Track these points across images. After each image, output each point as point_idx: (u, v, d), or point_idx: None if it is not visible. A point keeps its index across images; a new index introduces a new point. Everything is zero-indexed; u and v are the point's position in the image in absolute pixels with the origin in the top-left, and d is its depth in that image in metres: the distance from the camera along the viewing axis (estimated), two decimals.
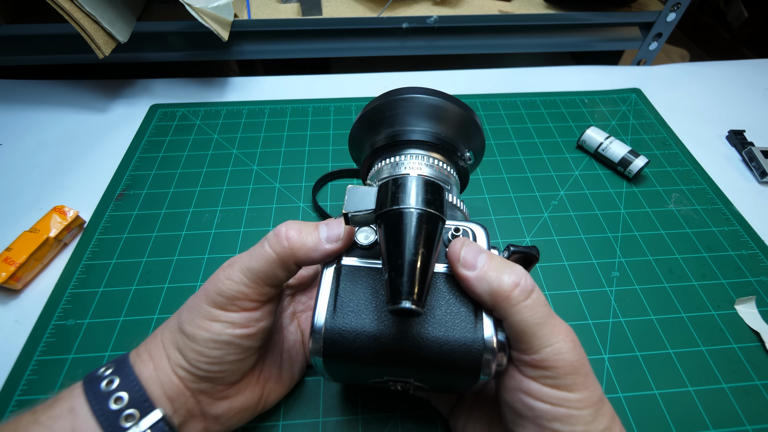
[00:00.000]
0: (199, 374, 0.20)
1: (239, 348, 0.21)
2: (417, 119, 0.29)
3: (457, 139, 0.30)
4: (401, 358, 0.19)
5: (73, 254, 0.36)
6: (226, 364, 0.21)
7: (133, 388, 0.19)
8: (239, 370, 0.22)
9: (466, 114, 0.29)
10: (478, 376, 0.19)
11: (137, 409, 0.19)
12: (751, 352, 0.32)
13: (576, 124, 0.50)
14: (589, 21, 0.58)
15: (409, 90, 0.28)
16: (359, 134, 0.32)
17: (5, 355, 0.30)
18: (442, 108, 0.28)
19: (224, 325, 0.20)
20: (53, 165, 0.44)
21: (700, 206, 0.42)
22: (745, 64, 0.60)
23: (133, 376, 0.20)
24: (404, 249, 0.17)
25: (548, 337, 0.18)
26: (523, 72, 0.58)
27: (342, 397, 0.29)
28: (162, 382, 0.20)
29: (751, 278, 0.36)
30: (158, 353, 0.21)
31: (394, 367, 0.19)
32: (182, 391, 0.20)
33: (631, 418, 0.28)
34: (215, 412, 0.22)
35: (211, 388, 0.21)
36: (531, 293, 0.18)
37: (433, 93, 0.28)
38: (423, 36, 0.57)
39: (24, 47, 0.53)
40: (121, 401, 0.19)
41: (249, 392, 0.23)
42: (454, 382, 0.20)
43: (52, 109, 0.50)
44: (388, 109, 0.29)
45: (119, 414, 0.18)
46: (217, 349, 0.20)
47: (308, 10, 0.54)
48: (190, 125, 0.49)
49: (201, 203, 0.41)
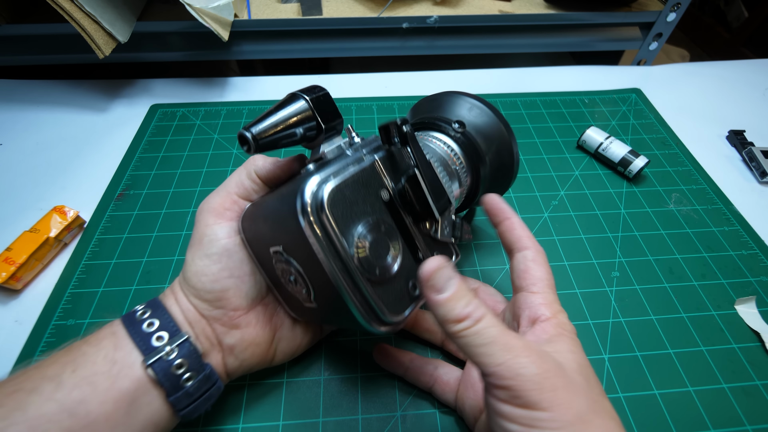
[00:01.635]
0: (206, 297, 0.24)
1: (233, 260, 0.24)
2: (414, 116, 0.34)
3: (440, 114, 0.32)
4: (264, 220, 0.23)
5: (74, 254, 0.36)
6: (225, 281, 0.24)
7: (163, 317, 0.23)
8: (241, 293, 0.24)
9: (445, 95, 0.33)
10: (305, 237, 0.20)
11: (167, 331, 0.22)
12: (751, 352, 0.32)
13: (576, 124, 0.50)
14: (589, 21, 0.58)
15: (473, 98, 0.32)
16: (419, 109, 0.35)
17: (5, 355, 0.30)
18: (427, 101, 0.33)
19: (211, 238, 0.24)
20: (53, 165, 0.44)
21: (700, 206, 0.42)
22: (745, 64, 0.60)
23: (163, 309, 0.23)
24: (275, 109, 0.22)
25: (499, 355, 0.18)
26: (523, 72, 0.58)
27: (342, 397, 0.29)
28: (182, 309, 0.24)
29: (751, 278, 0.36)
30: (177, 289, 0.25)
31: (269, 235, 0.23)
32: (199, 318, 0.24)
33: (631, 418, 0.28)
34: (229, 342, 0.24)
35: (223, 315, 0.24)
36: (478, 321, 0.18)
37: (485, 105, 0.32)
38: (423, 36, 0.57)
39: (24, 47, 0.53)
40: (152, 326, 0.22)
41: (260, 328, 0.25)
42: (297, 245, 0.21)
43: (52, 109, 0.50)
44: (443, 104, 0.33)
45: (151, 335, 0.22)
46: (213, 264, 0.24)
47: (308, 10, 0.54)
48: (190, 125, 0.49)
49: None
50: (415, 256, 0.23)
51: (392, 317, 0.21)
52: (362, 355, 0.31)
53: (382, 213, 0.22)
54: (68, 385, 0.19)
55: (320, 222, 0.19)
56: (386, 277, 0.21)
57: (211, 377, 0.23)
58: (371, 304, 0.21)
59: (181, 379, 0.22)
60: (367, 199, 0.21)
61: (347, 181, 0.20)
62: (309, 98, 0.22)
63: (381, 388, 0.29)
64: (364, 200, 0.21)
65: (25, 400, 0.19)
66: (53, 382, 0.19)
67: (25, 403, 0.19)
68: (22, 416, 0.18)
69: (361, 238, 0.20)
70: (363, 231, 0.20)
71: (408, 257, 0.23)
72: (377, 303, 0.21)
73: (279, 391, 0.29)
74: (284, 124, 0.21)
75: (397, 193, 0.23)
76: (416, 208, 0.22)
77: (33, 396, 0.19)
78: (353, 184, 0.21)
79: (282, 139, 0.21)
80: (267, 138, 0.21)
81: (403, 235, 0.22)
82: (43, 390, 0.19)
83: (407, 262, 0.22)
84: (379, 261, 0.21)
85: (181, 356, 0.22)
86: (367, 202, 0.21)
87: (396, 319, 0.21)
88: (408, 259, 0.22)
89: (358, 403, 0.29)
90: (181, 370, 0.22)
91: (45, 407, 0.19)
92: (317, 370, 0.30)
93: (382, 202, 0.22)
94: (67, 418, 0.19)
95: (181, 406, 0.22)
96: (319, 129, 0.22)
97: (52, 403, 0.19)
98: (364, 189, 0.21)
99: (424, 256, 0.23)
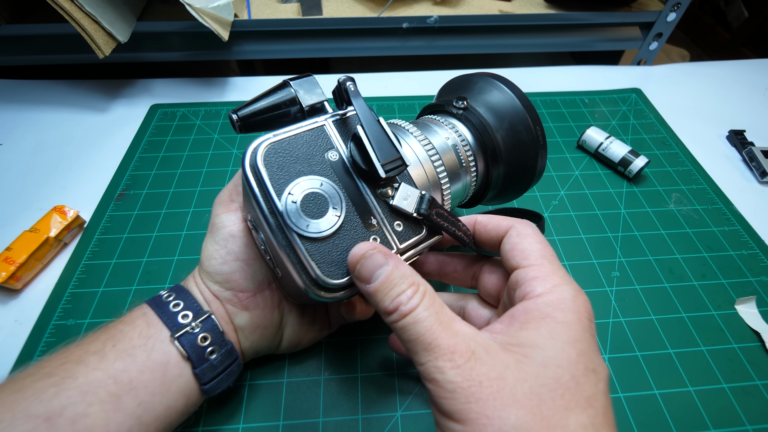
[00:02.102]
0: (217, 279, 0.25)
1: (236, 246, 0.25)
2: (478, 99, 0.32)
3: (448, 97, 0.31)
4: None
5: (74, 254, 0.36)
6: (232, 263, 0.25)
7: (188, 299, 0.25)
8: (247, 275, 0.25)
9: (461, 76, 0.32)
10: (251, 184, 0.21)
11: (191, 311, 0.24)
12: (751, 352, 0.32)
13: (576, 124, 0.50)
14: (590, 21, 0.58)
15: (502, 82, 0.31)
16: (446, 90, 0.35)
17: (5, 355, 0.30)
18: (445, 85, 0.33)
19: (218, 226, 0.25)
20: (53, 165, 0.44)
21: (700, 206, 0.42)
22: (745, 64, 0.60)
23: (186, 292, 0.25)
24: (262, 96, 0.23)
25: (421, 354, 0.17)
26: (523, 72, 0.58)
27: (342, 397, 0.29)
28: (201, 291, 0.26)
29: (752, 278, 0.36)
30: (196, 274, 0.27)
31: None
32: (213, 298, 0.26)
33: (631, 418, 0.28)
34: (239, 323, 0.26)
35: (233, 296, 0.25)
36: (405, 316, 0.17)
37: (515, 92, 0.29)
38: (423, 36, 0.57)
39: (24, 47, 0.53)
40: (178, 306, 0.24)
41: (267, 311, 0.26)
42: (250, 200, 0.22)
43: (52, 109, 0.50)
44: (469, 84, 0.32)
45: (177, 314, 0.24)
46: (221, 248, 0.25)
47: (308, 10, 0.54)
48: (190, 125, 0.49)
49: (201, 203, 0.41)
50: (365, 221, 0.22)
51: (328, 279, 0.20)
52: (362, 355, 0.31)
53: (327, 174, 0.22)
54: (110, 357, 0.22)
55: (255, 174, 0.20)
56: (320, 236, 0.21)
57: (232, 352, 0.25)
58: (304, 263, 0.20)
59: (206, 352, 0.24)
60: (311, 159, 0.22)
61: (289, 139, 0.22)
62: (293, 83, 0.23)
63: (381, 388, 0.29)
64: (308, 159, 0.22)
65: (74, 369, 0.21)
66: (97, 355, 0.22)
67: (74, 372, 0.21)
68: (74, 383, 0.20)
69: (294, 192, 0.21)
70: (298, 185, 0.21)
71: (354, 221, 0.22)
72: (309, 261, 0.20)
73: (279, 391, 0.29)
74: (268, 106, 0.23)
75: (348, 156, 0.23)
76: (363, 167, 0.22)
77: (81, 366, 0.21)
78: (294, 142, 0.22)
79: (267, 120, 0.23)
80: (252, 119, 0.22)
81: (351, 198, 0.22)
82: (89, 361, 0.21)
83: (352, 226, 0.22)
84: (311, 216, 0.21)
85: (204, 330, 0.24)
86: (310, 162, 0.22)
87: (333, 281, 0.20)
88: (354, 223, 0.22)
89: (358, 403, 0.29)
90: (205, 342, 0.24)
91: (92, 375, 0.21)
92: (317, 370, 0.30)
93: (328, 164, 0.22)
94: (112, 384, 0.21)
95: (206, 379, 0.24)
96: (302, 111, 0.23)
97: (98, 372, 0.21)
98: (308, 148, 0.22)
99: (377, 222, 0.22)
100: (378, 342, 0.32)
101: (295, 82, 0.23)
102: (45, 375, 0.20)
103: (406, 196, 0.23)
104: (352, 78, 0.23)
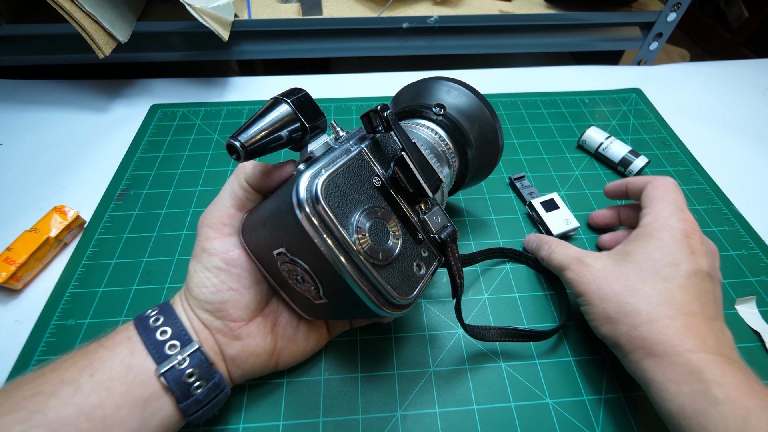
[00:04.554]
0: (207, 308, 0.24)
1: (230, 276, 0.24)
2: (396, 106, 0.35)
3: (420, 101, 0.33)
4: (262, 224, 0.23)
5: (74, 254, 0.36)
6: (225, 293, 0.24)
7: (175, 324, 0.24)
8: (240, 304, 0.25)
9: (423, 82, 0.34)
10: (305, 232, 0.20)
11: (178, 340, 0.23)
12: (751, 352, 0.32)
13: (576, 124, 0.50)
14: (590, 21, 0.58)
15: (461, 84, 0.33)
16: (401, 97, 0.36)
17: (5, 355, 0.30)
18: (406, 90, 0.35)
19: (210, 253, 0.24)
20: (53, 165, 0.44)
21: (700, 206, 0.42)
22: (746, 64, 0.60)
23: (175, 316, 0.24)
24: (258, 115, 0.22)
25: (560, 272, 0.31)
26: (523, 72, 0.58)
27: (342, 397, 0.29)
28: (189, 318, 0.24)
29: (752, 278, 0.36)
30: (183, 298, 0.25)
31: (270, 238, 0.23)
32: (202, 328, 0.24)
33: (631, 417, 0.28)
34: (230, 353, 0.25)
35: (223, 326, 0.24)
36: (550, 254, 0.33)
37: (473, 94, 0.33)
38: (423, 36, 0.57)
39: (24, 47, 0.53)
40: (165, 334, 0.23)
41: (260, 338, 0.26)
42: (300, 244, 0.21)
43: (53, 109, 0.50)
44: (426, 90, 0.34)
45: (164, 343, 0.23)
46: (213, 277, 0.24)
47: (308, 10, 0.54)
48: (190, 125, 0.49)
49: (201, 203, 0.41)
50: (415, 237, 0.23)
51: (401, 299, 0.22)
52: (362, 355, 0.31)
53: (376, 199, 0.22)
54: (86, 389, 0.20)
55: (317, 214, 0.20)
56: (390, 261, 0.21)
57: (219, 384, 0.24)
58: (380, 289, 0.21)
59: (192, 387, 0.23)
60: (360, 188, 0.22)
61: (337, 171, 0.21)
62: (290, 101, 0.22)
63: (381, 388, 0.29)
64: (357, 189, 0.21)
65: (44, 403, 0.19)
66: (71, 386, 0.20)
67: (44, 407, 0.19)
68: (43, 419, 0.19)
69: (360, 225, 0.21)
70: (360, 218, 0.21)
71: (408, 239, 0.23)
72: (385, 287, 0.21)
73: (279, 391, 0.29)
74: (270, 128, 0.22)
75: (388, 178, 0.23)
76: (409, 189, 0.23)
77: (52, 399, 0.19)
78: (344, 175, 0.21)
79: (269, 144, 0.22)
80: (255, 144, 0.21)
81: (400, 218, 0.23)
82: (61, 394, 0.20)
83: (408, 243, 0.23)
84: (380, 245, 0.21)
85: (192, 365, 0.23)
86: (360, 190, 0.22)
87: (406, 300, 0.22)
88: (408, 241, 0.23)
89: (358, 403, 0.29)
90: (192, 378, 0.22)
91: (64, 411, 0.19)
92: (317, 370, 0.30)
93: (374, 189, 0.22)
94: (84, 421, 0.19)
95: (190, 411, 0.23)
96: (304, 129, 0.23)
97: (70, 407, 0.19)
98: (356, 178, 0.22)
99: (422, 235, 0.24)
100: (378, 342, 0.32)
101: (290, 99, 0.23)
102: (13, 408, 0.19)
103: (443, 204, 0.27)
104: (387, 106, 0.23)
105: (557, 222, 0.38)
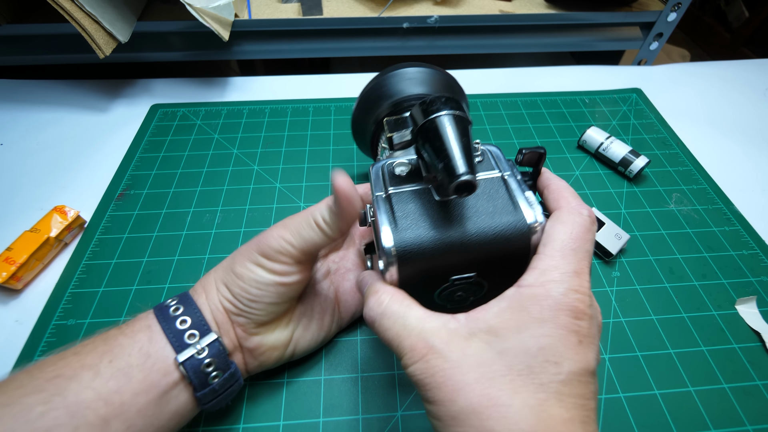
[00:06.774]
0: (240, 307, 0.24)
1: (276, 293, 0.24)
2: (411, 86, 0.33)
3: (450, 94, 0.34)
4: (464, 251, 0.21)
5: (74, 254, 0.36)
6: (263, 305, 0.24)
7: (195, 314, 0.24)
8: (272, 313, 0.25)
9: (447, 76, 0.34)
10: (529, 252, 0.21)
11: (197, 330, 0.23)
12: (751, 352, 0.32)
13: (577, 124, 0.50)
14: (590, 21, 0.58)
15: (397, 66, 0.34)
16: (361, 116, 0.36)
17: (6, 355, 0.31)
18: (428, 73, 0.34)
19: (267, 271, 0.24)
20: (54, 165, 0.44)
21: (700, 206, 0.42)
22: (746, 64, 0.60)
23: (195, 305, 0.24)
24: (448, 140, 0.19)
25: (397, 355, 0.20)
26: (523, 72, 0.58)
27: (342, 397, 0.29)
28: (211, 309, 0.25)
29: (752, 278, 0.36)
30: (210, 287, 0.25)
31: (458, 265, 0.21)
32: (225, 320, 0.25)
33: (631, 417, 0.28)
34: (248, 346, 0.25)
35: (246, 323, 0.25)
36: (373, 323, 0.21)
37: (416, 65, 0.33)
38: (423, 36, 0.57)
39: (24, 47, 0.53)
40: (185, 323, 0.23)
41: (279, 333, 0.26)
42: (509, 263, 0.21)
43: (53, 109, 0.50)
44: (383, 86, 0.34)
45: (184, 332, 0.23)
46: (258, 289, 0.24)
47: (309, 9, 0.54)
48: (190, 125, 0.49)
49: (202, 203, 0.41)
50: None
51: None
52: (362, 355, 0.31)
53: None
54: (105, 374, 0.21)
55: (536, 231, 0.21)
56: None
57: (235, 375, 0.24)
58: None
59: (209, 377, 0.23)
60: None
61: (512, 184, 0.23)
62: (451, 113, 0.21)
63: (381, 388, 0.29)
64: None
65: (65, 386, 0.20)
66: (91, 371, 0.21)
67: (65, 389, 0.20)
68: (63, 402, 0.19)
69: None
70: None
71: None
72: None
73: (279, 391, 0.29)
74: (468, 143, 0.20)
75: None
76: None
77: (72, 383, 0.20)
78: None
79: None
80: None
81: None
82: (82, 378, 0.20)
83: None
84: None
85: (210, 355, 0.23)
86: None
87: None
88: None
89: (358, 403, 0.29)
90: (210, 368, 0.23)
91: (83, 394, 0.20)
92: (317, 370, 0.30)
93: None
94: (102, 406, 0.20)
95: (206, 400, 0.23)
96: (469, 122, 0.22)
97: (89, 390, 0.20)
98: None
99: None
100: (379, 342, 0.32)
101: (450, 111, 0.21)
102: (35, 389, 0.20)
103: None
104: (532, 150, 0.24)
105: (607, 238, 0.33)
